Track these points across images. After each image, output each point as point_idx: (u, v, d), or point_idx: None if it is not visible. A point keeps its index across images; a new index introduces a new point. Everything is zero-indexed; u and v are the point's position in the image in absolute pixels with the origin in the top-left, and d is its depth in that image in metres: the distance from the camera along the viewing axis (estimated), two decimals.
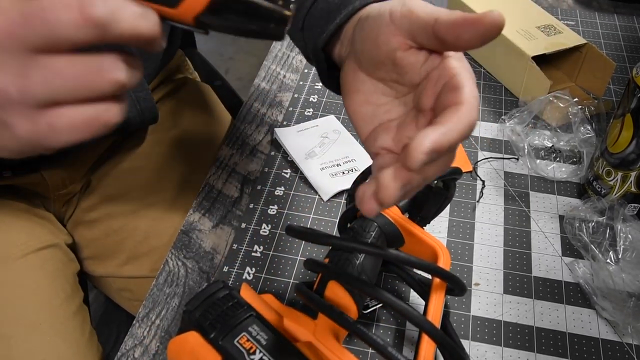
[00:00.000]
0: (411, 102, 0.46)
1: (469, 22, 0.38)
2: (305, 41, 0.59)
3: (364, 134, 0.48)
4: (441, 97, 0.41)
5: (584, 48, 0.89)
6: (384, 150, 0.46)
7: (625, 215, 0.67)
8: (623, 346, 0.61)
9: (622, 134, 0.67)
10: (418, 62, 0.44)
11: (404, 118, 0.46)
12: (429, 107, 0.43)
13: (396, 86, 0.47)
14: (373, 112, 0.48)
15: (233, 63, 2.68)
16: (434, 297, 0.54)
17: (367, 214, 0.38)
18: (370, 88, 0.48)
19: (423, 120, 0.43)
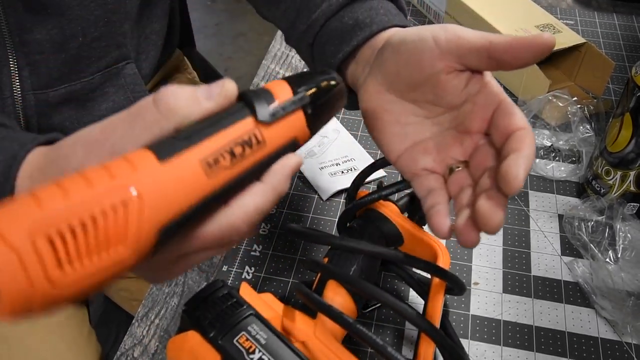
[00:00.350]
0: (446, 122, 0.48)
1: (526, 44, 0.42)
2: (313, 56, 0.60)
3: (394, 153, 0.50)
4: (498, 122, 0.43)
5: (583, 47, 0.89)
6: (425, 171, 0.48)
7: (624, 215, 0.67)
8: (622, 345, 0.61)
9: (621, 133, 0.67)
10: (460, 86, 0.46)
11: (442, 139, 0.48)
12: (477, 129, 0.45)
13: (429, 107, 0.48)
14: (404, 131, 0.49)
15: (232, 62, 2.68)
16: (433, 297, 0.54)
17: (470, 245, 0.41)
18: (399, 108, 0.49)
19: (470, 141, 0.46)
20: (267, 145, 0.39)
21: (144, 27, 0.79)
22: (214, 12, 2.99)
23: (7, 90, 0.67)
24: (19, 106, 0.69)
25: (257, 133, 0.39)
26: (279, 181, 0.40)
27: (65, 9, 0.65)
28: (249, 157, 0.38)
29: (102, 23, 0.70)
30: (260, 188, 0.39)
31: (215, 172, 0.36)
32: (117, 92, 0.77)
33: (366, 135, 0.84)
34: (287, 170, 0.40)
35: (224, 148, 0.37)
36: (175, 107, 0.36)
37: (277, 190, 0.40)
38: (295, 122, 0.41)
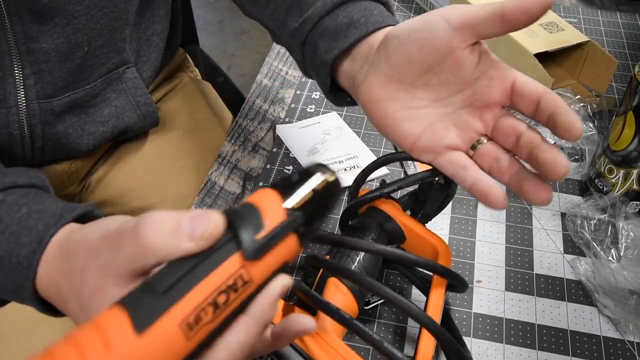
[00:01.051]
0: (458, 102, 0.50)
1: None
2: (304, 54, 0.61)
3: (411, 137, 0.51)
4: (523, 90, 0.46)
5: (586, 45, 0.89)
6: (448, 149, 0.49)
7: (627, 213, 0.67)
8: (625, 344, 0.61)
9: (624, 132, 0.67)
10: (474, 61, 0.48)
11: (458, 116, 0.50)
12: (497, 102, 0.48)
13: (441, 89, 0.50)
14: (417, 115, 0.50)
15: (235, 60, 2.68)
16: (434, 293, 0.54)
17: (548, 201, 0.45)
18: (408, 96, 0.50)
19: (490, 114, 0.49)
20: (254, 283, 0.35)
21: (145, 29, 0.79)
22: (217, 9, 2.99)
23: (11, 99, 0.67)
24: (23, 115, 0.69)
25: (244, 273, 0.35)
26: (264, 312, 0.37)
27: (71, 19, 0.65)
28: (233, 302, 0.35)
29: (105, 31, 0.70)
30: (243, 323, 0.36)
31: (196, 332, 0.33)
32: (119, 97, 0.77)
33: (369, 132, 0.84)
34: (272, 298, 0.37)
35: (206, 301, 0.33)
36: (153, 246, 0.35)
37: (262, 321, 0.37)
38: (286, 247, 0.37)
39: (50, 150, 0.74)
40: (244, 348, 0.36)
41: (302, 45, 0.60)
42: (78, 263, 0.41)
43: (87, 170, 0.86)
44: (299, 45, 0.60)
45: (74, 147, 0.75)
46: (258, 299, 0.36)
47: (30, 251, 0.46)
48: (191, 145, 0.92)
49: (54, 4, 0.64)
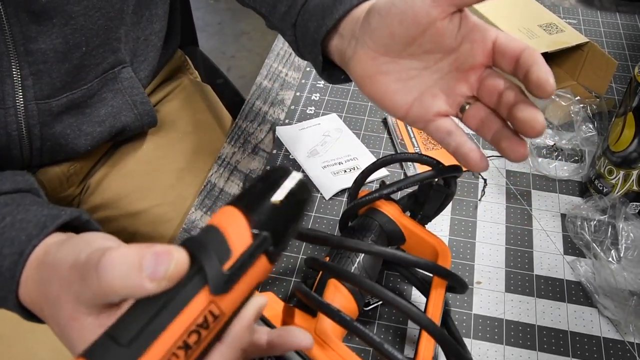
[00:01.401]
0: (446, 67, 0.51)
1: None
2: (296, 36, 0.62)
3: (403, 108, 0.52)
4: (503, 48, 0.47)
5: (586, 46, 0.89)
6: (438, 116, 0.51)
7: (627, 214, 0.67)
8: (625, 344, 0.61)
9: (624, 133, 0.67)
10: (455, 28, 0.48)
11: (446, 82, 0.51)
12: (481, 63, 0.49)
13: (427, 57, 0.51)
14: (407, 86, 0.52)
15: (235, 61, 2.68)
16: (434, 294, 0.54)
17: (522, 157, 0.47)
18: (397, 67, 0.51)
19: (475, 75, 0.49)
20: (226, 315, 0.34)
21: (143, 28, 0.79)
22: (216, 11, 2.99)
23: (9, 100, 0.67)
24: (22, 116, 0.69)
25: (214, 309, 0.33)
26: (239, 338, 0.36)
27: (69, 19, 0.65)
28: (205, 338, 0.33)
29: (102, 31, 0.70)
30: (218, 352, 0.35)
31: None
32: (115, 97, 0.77)
33: (369, 134, 0.84)
34: (246, 323, 0.36)
35: (175, 345, 0.31)
36: (114, 287, 0.34)
37: (239, 347, 0.36)
38: (257, 271, 0.35)
39: (49, 151, 0.74)
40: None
41: (293, 27, 0.61)
42: (53, 290, 0.41)
43: (86, 172, 0.86)
44: (290, 27, 0.61)
45: (72, 148, 0.75)
46: (232, 326, 0.35)
47: (12, 263, 0.46)
48: (191, 147, 0.92)
49: (53, 5, 0.64)
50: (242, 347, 0.36)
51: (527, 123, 0.45)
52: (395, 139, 0.82)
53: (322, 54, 0.59)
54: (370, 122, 0.86)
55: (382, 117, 0.87)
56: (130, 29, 0.76)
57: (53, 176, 0.80)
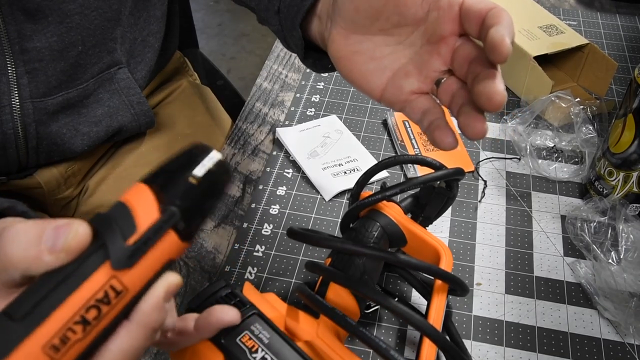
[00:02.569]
0: (418, 40, 0.48)
1: None
2: (281, 24, 0.61)
3: (378, 89, 0.50)
4: (468, 13, 0.43)
5: (586, 48, 0.89)
6: (414, 95, 0.48)
7: (627, 216, 0.67)
8: (625, 346, 0.61)
9: (624, 134, 0.67)
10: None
11: (419, 57, 0.48)
12: (450, 32, 0.45)
13: (397, 31, 0.48)
14: (381, 65, 0.49)
15: (235, 63, 2.68)
16: (436, 298, 0.54)
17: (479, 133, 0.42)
18: (369, 45, 0.49)
19: (446, 47, 0.46)
20: (131, 290, 0.33)
21: (140, 29, 0.79)
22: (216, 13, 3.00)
23: (5, 98, 0.67)
24: (17, 115, 0.69)
25: (116, 284, 0.32)
26: (148, 315, 0.34)
27: (64, 17, 0.65)
28: (107, 314, 0.32)
29: (99, 31, 0.70)
30: (125, 329, 0.34)
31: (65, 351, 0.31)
32: (112, 98, 0.77)
33: (369, 135, 0.84)
34: (155, 301, 0.34)
35: (72, 320, 0.31)
36: (13, 260, 0.32)
37: (147, 326, 0.34)
38: (165, 247, 0.34)
39: (45, 151, 0.74)
40: (128, 354, 0.34)
41: (277, 15, 0.60)
42: None
43: (84, 173, 0.86)
44: (274, 16, 0.61)
45: (69, 148, 0.75)
46: (140, 304, 0.34)
47: None
48: None
49: (48, 3, 0.64)
50: (152, 327, 0.35)
51: (483, 95, 0.41)
52: (395, 141, 0.82)
53: (308, 40, 0.58)
54: (370, 124, 0.86)
55: (382, 118, 0.87)
56: (127, 30, 0.76)
57: (51, 177, 0.80)
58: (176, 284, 0.35)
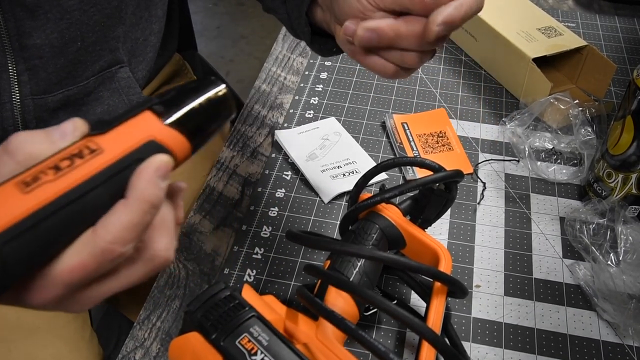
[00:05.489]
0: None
1: None
2: (288, 13, 0.63)
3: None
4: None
5: (585, 50, 0.89)
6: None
7: (626, 217, 0.67)
8: (624, 348, 0.61)
9: (622, 136, 0.67)
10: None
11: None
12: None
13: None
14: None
15: (234, 65, 2.68)
16: (435, 301, 0.54)
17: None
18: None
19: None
20: (107, 152, 0.36)
21: (143, 29, 0.79)
22: (215, 15, 3.00)
23: (5, 95, 0.67)
24: (18, 112, 0.69)
25: (90, 144, 0.36)
26: (142, 189, 0.36)
27: (64, 13, 0.65)
28: (81, 166, 0.35)
29: (99, 28, 0.70)
30: (122, 203, 0.36)
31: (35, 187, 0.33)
32: (112, 96, 0.77)
33: (367, 137, 0.84)
34: (147, 174, 0.37)
35: (46, 167, 0.34)
36: (33, 152, 0.35)
37: (144, 199, 0.36)
38: (142, 122, 0.38)
39: None
40: (126, 228, 0.36)
41: (284, 4, 0.63)
42: None
43: None
44: (281, 5, 0.63)
45: None
46: (132, 178, 0.37)
47: None
48: None
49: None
50: (149, 201, 0.37)
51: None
52: (394, 143, 0.82)
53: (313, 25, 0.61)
54: (368, 126, 0.86)
55: (380, 120, 0.87)
56: (129, 30, 0.76)
57: None
58: (166, 161, 0.38)
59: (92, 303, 0.39)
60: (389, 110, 0.89)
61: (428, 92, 0.92)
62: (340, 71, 0.96)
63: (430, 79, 0.95)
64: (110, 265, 0.36)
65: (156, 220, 0.39)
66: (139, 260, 0.38)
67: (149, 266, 0.39)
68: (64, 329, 0.77)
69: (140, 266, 0.39)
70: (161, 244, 0.39)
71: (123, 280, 0.38)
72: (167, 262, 0.39)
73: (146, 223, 0.37)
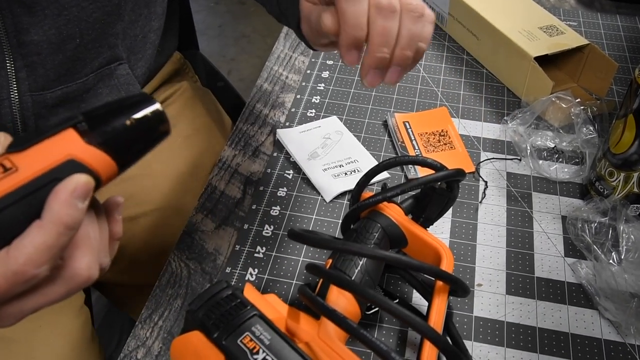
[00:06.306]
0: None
1: None
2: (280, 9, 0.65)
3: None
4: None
5: (586, 48, 0.89)
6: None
7: (627, 216, 0.67)
8: (626, 347, 0.61)
9: (624, 135, 0.67)
10: None
11: None
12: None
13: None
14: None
15: (235, 64, 2.68)
16: (437, 300, 0.54)
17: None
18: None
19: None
20: (22, 172, 0.35)
21: (142, 26, 0.79)
22: (217, 14, 3.00)
23: (4, 92, 0.67)
24: (16, 108, 0.69)
25: (5, 162, 0.35)
26: (57, 210, 0.36)
27: (62, 10, 0.65)
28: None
29: (98, 25, 0.70)
30: (37, 224, 0.36)
31: None
32: (111, 93, 0.77)
33: (369, 136, 0.84)
34: (63, 195, 0.36)
35: None
36: None
37: (59, 221, 0.36)
38: (63, 140, 0.37)
39: None
40: (39, 250, 0.35)
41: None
42: None
43: None
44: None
45: None
46: (48, 199, 0.36)
47: None
48: (191, 150, 0.92)
49: None
50: (64, 223, 0.36)
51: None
52: (396, 142, 0.82)
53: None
54: (370, 125, 0.86)
55: (382, 119, 0.87)
56: (128, 27, 0.76)
57: None
58: (84, 182, 0.37)
59: (14, 319, 0.38)
60: (391, 109, 0.89)
61: (430, 91, 0.92)
62: (342, 70, 0.96)
63: (432, 78, 0.95)
64: (24, 287, 0.36)
65: (78, 238, 0.38)
66: (58, 279, 0.38)
67: (70, 284, 0.38)
68: (66, 328, 0.77)
69: (60, 285, 0.38)
70: (82, 263, 0.38)
71: (44, 299, 0.38)
72: (89, 280, 0.39)
73: (62, 245, 0.37)
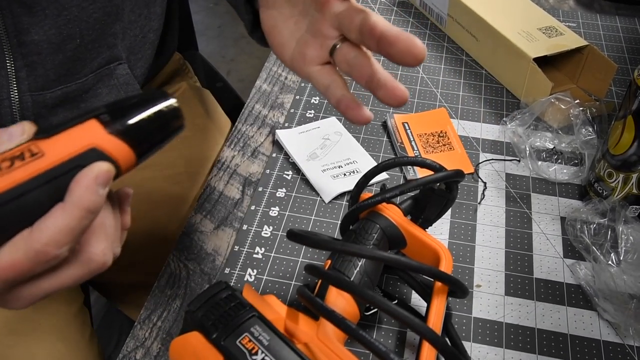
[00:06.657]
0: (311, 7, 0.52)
1: None
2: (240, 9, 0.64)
3: (289, 60, 0.54)
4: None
5: (586, 50, 0.89)
6: (316, 66, 0.52)
7: (626, 217, 0.67)
8: (625, 348, 0.61)
9: (623, 136, 0.67)
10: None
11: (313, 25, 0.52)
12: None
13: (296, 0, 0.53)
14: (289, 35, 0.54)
15: (235, 65, 2.68)
16: (436, 301, 0.54)
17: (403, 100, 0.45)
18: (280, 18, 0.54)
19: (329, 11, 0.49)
20: (48, 157, 0.37)
21: (141, 27, 0.79)
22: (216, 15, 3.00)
23: (4, 92, 0.67)
24: (16, 108, 0.69)
25: (33, 147, 0.37)
26: (80, 195, 0.37)
27: (62, 10, 0.65)
28: (20, 168, 0.36)
29: (98, 25, 0.70)
30: (60, 207, 0.37)
31: None
32: (110, 93, 0.77)
33: (368, 137, 0.84)
34: (86, 180, 0.38)
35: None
36: None
37: (81, 205, 0.37)
38: (86, 129, 0.39)
39: None
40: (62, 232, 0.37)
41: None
42: None
43: None
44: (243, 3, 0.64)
45: None
46: (71, 183, 0.38)
47: None
48: (190, 151, 0.92)
49: None
50: (86, 207, 0.37)
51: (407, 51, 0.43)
52: (395, 143, 0.82)
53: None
54: (369, 126, 0.86)
55: (381, 120, 0.87)
56: (128, 27, 0.76)
57: None
58: (106, 169, 0.39)
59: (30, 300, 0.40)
60: (390, 110, 0.89)
61: (429, 92, 0.92)
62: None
63: (431, 79, 0.95)
64: (44, 266, 0.37)
65: (95, 224, 0.40)
66: (75, 262, 0.39)
67: (85, 269, 0.40)
68: (65, 328, 0.77)
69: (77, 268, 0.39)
70: (98, 248, 0.40)
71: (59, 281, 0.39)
72: (104, 265, 0.40)
73: (82, 228, 0.38)
